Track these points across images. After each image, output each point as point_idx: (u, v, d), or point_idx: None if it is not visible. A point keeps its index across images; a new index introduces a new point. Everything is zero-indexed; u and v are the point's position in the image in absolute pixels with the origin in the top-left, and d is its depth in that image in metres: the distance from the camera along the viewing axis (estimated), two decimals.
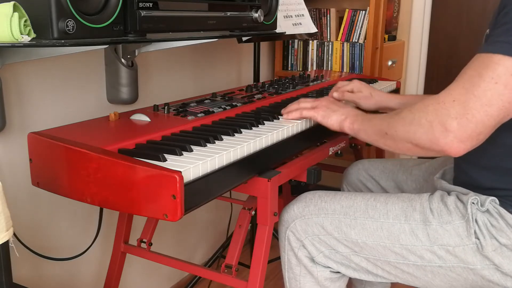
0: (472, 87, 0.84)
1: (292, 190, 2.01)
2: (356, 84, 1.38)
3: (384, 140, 1.00)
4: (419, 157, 1.46)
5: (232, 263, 1.09)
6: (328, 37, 2.17)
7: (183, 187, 0.77)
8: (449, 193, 1.04)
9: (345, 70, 2.14)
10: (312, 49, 2.19)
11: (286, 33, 1.69)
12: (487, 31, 0.96)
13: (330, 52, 2.15)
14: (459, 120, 0.85)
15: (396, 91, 1.83)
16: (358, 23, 2.09)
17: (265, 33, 1.47)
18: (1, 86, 1.06)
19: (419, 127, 0.90)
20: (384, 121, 1.01)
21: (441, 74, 2.88)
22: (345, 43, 2.12)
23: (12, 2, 0.82)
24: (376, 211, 1.05)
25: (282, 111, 1.20)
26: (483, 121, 0.84)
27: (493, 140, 0.90)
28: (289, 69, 2.26)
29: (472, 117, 0.84)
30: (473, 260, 0.96)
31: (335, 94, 1.38)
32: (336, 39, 2.15)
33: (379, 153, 1.82)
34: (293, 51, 2.23)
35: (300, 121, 1.16)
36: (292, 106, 1.20)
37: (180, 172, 0.77)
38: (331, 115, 1.13)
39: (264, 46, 2.26)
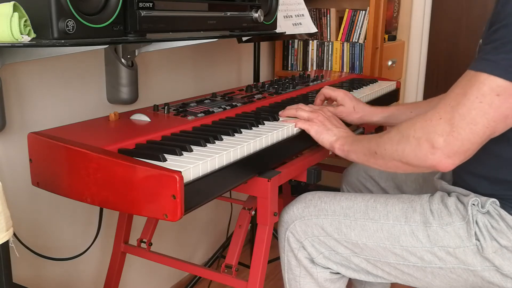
0: (457, 105, 0.85)
1: (292, 190, 2.01)
2: (340, 95, 1.30)
3: (374, 159, 1.01)
4: None
5: (232, 263, 1.09)
6: (328, 37, 2.17)
7: (183, 187, 0.77)
8: (449, 194, 1.04)
9: (345, 70, 2.14)
10: (312, 49, 2.18)
11: (286, 33, 1.68)
12: (480, 41, 0.95)
13: (330, 52, 2.15)
14: (445, 137, 0.85)
15: (396, 91, 1.83)
16: (358, 23, 2.09)
17: (265, 33, 1.47)
18: (1, 86, 1.06)
19: (407, 145, 0.91)
20: (373, 141, 1.01)
21: (441, 74, 2.88)
22: (345, 43, 2.11)
23: (12, 2, 0.82)
24: (376, 212, 1.05)
25: (280, 113, 1.20)
26: (469, 139, 0.84)
27: (489, 151, 0.90)
28: (289, 69, 2.26)
29: (458, 135, 0.84)
30: (474, 261, 0.96)
31: (318, 102, 1.34)
32: (336, 39, 2.15)
33: None
34: (293, 51, 2.23)
35: None
36: (290, 111, 1.19)
37: (180, 172, 0.77)
38: (324, 133, 1.13)
39: (264, 46, 2.26)
